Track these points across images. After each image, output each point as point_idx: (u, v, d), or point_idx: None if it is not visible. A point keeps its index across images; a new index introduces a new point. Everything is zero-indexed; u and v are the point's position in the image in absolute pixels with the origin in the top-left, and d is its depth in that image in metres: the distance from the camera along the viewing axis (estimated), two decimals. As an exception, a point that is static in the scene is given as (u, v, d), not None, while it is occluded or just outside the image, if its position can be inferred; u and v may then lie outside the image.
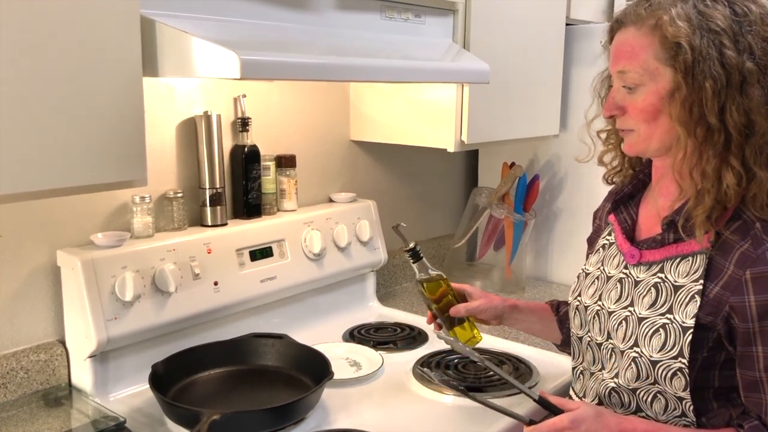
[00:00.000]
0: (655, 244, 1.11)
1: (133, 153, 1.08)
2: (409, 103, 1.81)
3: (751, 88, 0.97)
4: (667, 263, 1.08)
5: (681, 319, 1.04)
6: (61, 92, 0.99)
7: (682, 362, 1.03)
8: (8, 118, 0.95)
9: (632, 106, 1.05)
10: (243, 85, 1.62)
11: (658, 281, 1.09)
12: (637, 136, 1.07)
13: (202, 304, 1.46)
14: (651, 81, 1.02)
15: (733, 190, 0.99)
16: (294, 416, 1.25)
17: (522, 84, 1.85)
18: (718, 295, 1.02)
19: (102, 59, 1.03)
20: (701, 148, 1.01)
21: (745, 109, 0.98)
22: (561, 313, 1.39)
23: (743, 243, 1.01)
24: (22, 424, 1.23)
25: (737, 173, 0.99)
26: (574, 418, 1.02)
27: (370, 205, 1.87)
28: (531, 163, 2.18)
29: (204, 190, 1.55)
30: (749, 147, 0.99)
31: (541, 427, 1.04)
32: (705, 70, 0.97)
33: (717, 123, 0.98)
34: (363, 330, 1.72)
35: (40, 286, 1.35)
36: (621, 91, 1.07)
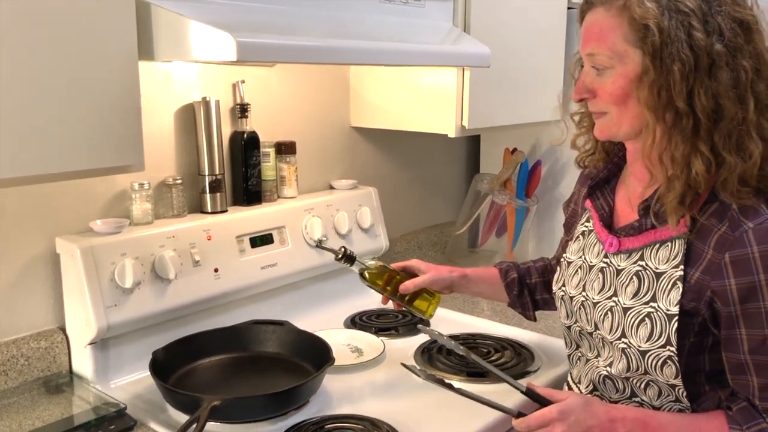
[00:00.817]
0: (633, 231, 1.09)
1: (129, 137, 1.07)
2: (409, 89, 1.80)
3: (720, 72, 0.95)
4: (647, 250, 1.07)
5: (665, 307, 1.03)
6: (56, 76, 0.98)
7: (670, 350, 1.02)
8: (3, 102, 0.94)
9: (602, 89, 1.04)
10: (242, 71, 1.61)
11: (639, 269, 1.07)
12: (609, 120, 1.05)
13: (202, 291, 1.45)
14: (620, 63, 1.00)
15: (702, 176, 0.98)
16: (295, 402, 1.25)
17: (523, 68, 1.83)
18: (699, 280, 1.01)
19: (97, 42, 1.02)
20: (670, 133, 0.99)
21: (714, 93, 0.96)
22: (508, 280, 1.42)
23: (720, 226, 0.99)
24: (24, 411, 1.22)
25: (706, 159, 0.97)
26: (563, 409, 1.01)
27: (371, 191, 1.86)
28: (533, 148, 2.17)
29: (203, 176, 1.54)
30: (718, 132, 0.97)
31: (530, 419, 1.03)
32: (673, 52, 0.95)
33: (685, 107, 0.96)
34: (364, 317, 1.72)
35: (39, 273, 1.34)
36: (590, 73, 1.05)
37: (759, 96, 0.98)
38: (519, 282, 1.42)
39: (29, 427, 1.18)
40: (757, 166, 0.98)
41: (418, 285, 1.35)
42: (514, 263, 1.46)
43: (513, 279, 1.42)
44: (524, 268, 1.45)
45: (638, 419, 1.03)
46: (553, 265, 1.44)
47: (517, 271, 1.43)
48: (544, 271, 1.44)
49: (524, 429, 1.04)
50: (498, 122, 1.81)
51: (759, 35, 0.99)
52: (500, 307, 1.84)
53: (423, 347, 1.54)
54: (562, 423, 1.00)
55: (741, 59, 0.97)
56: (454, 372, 1.41)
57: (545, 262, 1.46)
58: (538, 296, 1.43)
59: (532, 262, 1.47)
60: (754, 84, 0.98)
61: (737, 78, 0.96)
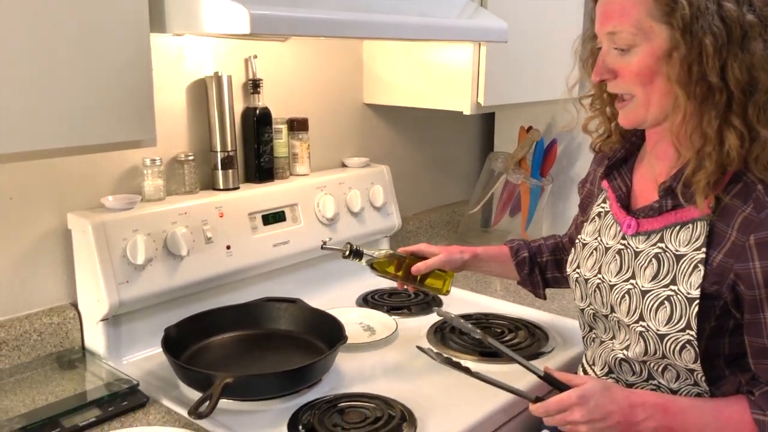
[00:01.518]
0: (653, 213, 1.06)
1: (141, 112, 1.05)
2: (423, 65, 1.77)
3: (753, 43, 0.92)
4: (667, 232, 1.04)
5: (686, 290, 1.00)
6: (68, 49, 0.97)
7: (690, 334, 1.00)
8: (16, 76, 0.93)
9: (625, 69, 1.00)
10: (254, 46, 1.58)
11: (658, 251, 1.04)
12: (635, 105, 1.01)
13: (214, 268, 1.44)
14: (645, 41, 0.96)
15: (735, 151, 0.95)
16: (308, 380, 1.24)
17: (540, 44, 1.80)
18: (722, 263, 0.98)
19: (109, 14, 1.00)
20: (701, 109, 0.96)
21: (748, 65, 0.92)
22: (519, 258, 1.41)
23: (745, 207, 0.97)
24: (37, 386, 1.22)
25: (740, 134, 0.94)
26: (582, 393, 1.00)
27: (383, 169, 1.84)
28: (548, 127, 2.14)
29: (215, 153, 1.52)
30: (752, 105, 0.94)
31: (548, 404, 1.01)
32: (704, 25, 0.91)
33: (718, 82, 0.93)
34: (376, 295, 1.70)
35: (51, 249, 1.34)
36: (612, 53, 1.01)
37: None
38: (530, 261, 1.41)
39: (42, 402, 1.18)
40: None
41: (430, 266, 1.34)
42: (524, 241, 1.45)
43: (524, 258, 1.41)
44: (535, 246, 1.43)
45: (659, 404, 1.01)
46: (565, 243, 1.42)
47: (527, 250, 1.42)
48: (555, 249, 1.43)
49: (542, 413, 1.02)
50: (513, 99, 1.78)
51: None
52: (513, 287, 1.82)
53: (436, 327, 1.53)
54: (581, 408, 0.99)
55: None
56: (467, 352, 1.40)
57: (556, 240, 1.44)
58: (549, 274, 1.42)
59: (543, 240, 1.45)
60: None
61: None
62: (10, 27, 0.91)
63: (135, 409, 1.18)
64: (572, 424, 1.00)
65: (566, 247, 1.42)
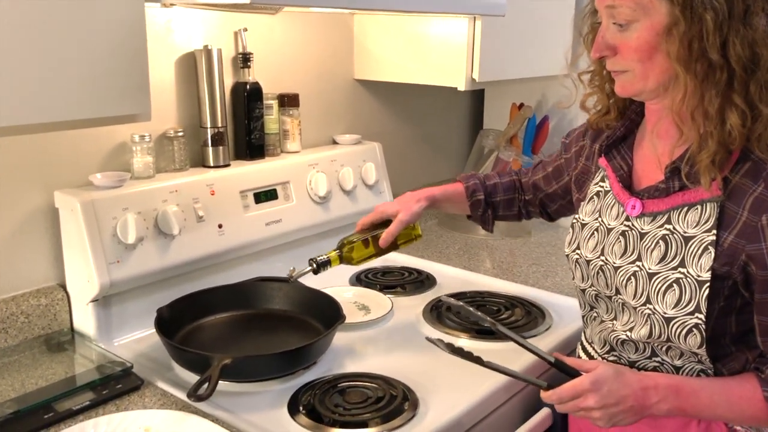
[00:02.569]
0: (659, 193, 1.04)
1: (136, 85, 1.01)
2: (416, 40, 1.73)
3: (756, 18, 0.90)
4: (674, 213, 1.02)
5: (696, 273, 0.99)
6: (61, 19, 0.92)
7: (698, 317, 0.99)
8: (7, 48, 0.88)
9: (625, 45, 0.97)
10: (244, 19, 1.54)
11: (666, 233, 1.03)
12: (632, 76, 0.99)
13: (206, 247, 1.41)
14: (645, 16, 0.94)
15: (737, 130, 0.93)
16: (306, 360, 1.22)
17: (534, 19, 1.78)
18: (733, 244, 0.97)
19: (100, -19, 0.95)
20: (702, 87, 0.93)
21: (749, 41, 0.90)
22: (474, 199, 1.40)
23: (756, 187, 0.95)
24: (25, 370, 1.19)
25: (741, 112, 0.92)
26: (595, 379, 0.98)
27: (375, 147, 1.81)
28: (539, 104, 2.12)
29: (205, 129, 1.48)
30: (754, 83, 0.92)
31: (562, 391, 1.00)
32: (705, 1, 0.89)
33: (719, 59, 0.91)
34: (370, 274, 1.69)
35: (37, 228, 1.29)
36: (611, 28, 0.98)
37: None
38: (485, 202, 1.41)
39: (32, 386, 1.14)
40: None
41: (394, 234, 1.32)
42: (479, 180, 1.43)
43: (479, 200, 1.41)
44: (491, 185, 1.43)
45: (671, 386, 1.00)
46: (525, 183, 1.42)
47: (483, 191, 1.41)
48: (509, 188, 1.43)
49: (556, 401, 1.01)
50: (508, 75, 1.76)
51: None
52: (506, 265, 1.81)
53: (431, 305, 1.51)
54: (595, 393, 0.97)
55: None
56: (463, 330, 1.39)
57: (512, 179, 1.44)
58: (500, 212, 1.44)
59: (498, 178, 1.44)
60: None
61: None
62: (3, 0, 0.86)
63: (130, 392, 1.14)
64: (586, 410, 0.99)
65: (523, 188, 1.43)
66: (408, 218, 1.32)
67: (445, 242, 1.98)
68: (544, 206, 1.42)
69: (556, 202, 1.39)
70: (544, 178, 1.38)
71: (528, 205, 1.44)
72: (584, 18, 1.10)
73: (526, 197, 1.43)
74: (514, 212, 1.44)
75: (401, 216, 1.32)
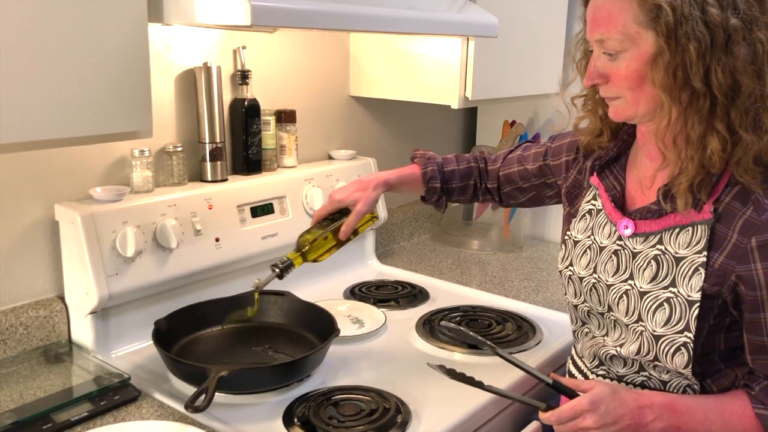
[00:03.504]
0: (651, 215, 1.07)
1: (138, 102, 1.03)
2: (410, 58, 1.77)
3: (737, 47, 0.93)
4: (666, 234, 1.05)
5: (686, 293, 1.01)
6: (65, 37, 0.95)
7: (687, 336, 1.01)
8: (13, 65, 0.91)
9: (615, 74, 1.00)
10: (242, 36, 1.57)
11: (657, 253, 1.05)
12: (624, 102, 1.02)
13: (203, 261, 1.43)
14: (633, 46, 0.97)
15: (717, 155, 0.96)
16: (301, 373, 1.24)
17: (526, 39, 1.81)
18: (723, 265, 1.00)
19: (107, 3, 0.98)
20: (686, 113, 0.96)
21: (731, 69, 0.93)
22: (430, 186, 1.38)
23: (745, 210, 0.98)
24: (24, 381, 1.20)
25: (722, 138, 0.95)
26: (593, 399, 1.00)
27: (370, 162, 1.84)
28: (530, 121, 2.16)
29: (204, 144, 1.51)
30: (735, 109, 0.94)
31: (560, 412, 1.02)
32: (688, 31, 0.92)
33: (702, 87, 0.94)
34: (364, 288, 1.71)
35: (37, 240, 1.31)
36: (602, 58, 1.01)
37: None
38: (440, 189, 1.40)
39: (31, 397, 1.16)
40: None
41: (353, 225, 1.29)
42: (437, 165, 1.40)
43: (435, 187, 1.39)
44: (448, 172, 1.40)
45: (666, 404, 1.03)
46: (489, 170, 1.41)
47: (440, 177, 1.39)
48: (466, 176, 1.41)
49: (555, 422, 1.03)
50: (500, 94, 1.80)
51: None
52: (498, 280, 1.84)
53: (424, 319, 1.54)
54: (593, 413, 0.99)
55: (757, 31, 0.94)
56: (455, 344, 1.41)
57: (470, 166, 1.42)
58: (454, 197, 1.43)
59: (456, 164, 1.42)
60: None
61: (754, 52, 0.94)
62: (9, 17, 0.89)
63: (127, 403, 1.16)
64: (584, 430, 1.01)
65: (489, 175, 1.42)
66: (366, 209, 1.29)
67: (437, 256, 2.01)
68: (503, 197, 1.43)
69: (523, 196, 1.40)
70: (520, 172, 1.37)
71: (487, 192, 1.43)
72: (576, 45, 1.13)
73: (488, 185, 1.42)
74: (468, 197, 1.44)
75: (359, 207, 1.28)
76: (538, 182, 1.36)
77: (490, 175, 1.43)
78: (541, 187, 1.36)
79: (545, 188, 1.36)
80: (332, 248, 1.31)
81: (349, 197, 1.30)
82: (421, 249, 2.07)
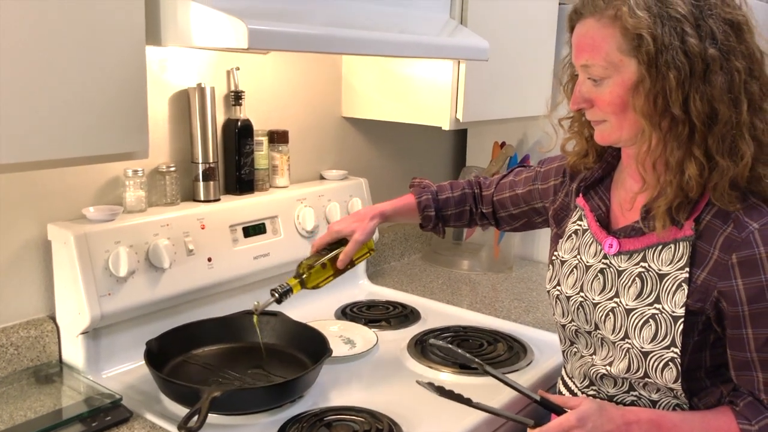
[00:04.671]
0: (635, 233, 1.09)
1: (134, 123, 1.04)
2: (402, 80, 1.79)
3: (714, 76, 0.96)
4: (649, 251, 1.07)
5: (670, 309, 1.04)
6: (63, 59, 0.96)
7: (674, 351, 1.03)
8: (11, 85, 0.91)
9: (599, 99, 1.03)
10: (236, 58, 1.58)
11: (642, 270, 1.08)
12: (609, 126, 1.05)
13: (196, 281, 1.43)
14: (616, 73, 1.00)
15: (695, 180, 0.98)
16: (294, 393, 1.24)
17: (516, 62, 1.84)
18: (705, 281, 1.02)
19: (105, 26, 0.99)
20: (665, 139, 0.99)
21: (709, 97, 0.96)
22: (425, 214, 1.42)
23: (726, 227, 1.01)
24: (14, 401, 1.19)
25: (700, 164, 0.98)
26: (580, 416, 1.01)
27: (361, 182, 1.85)
28: (520, 143, 2.18)
29: (197, 164, 1.51)
30: (712, 136, 0.97)
31: (549, 428, 1.02)
32: (668, 60, 0.95)
33: (681, 114, 0.96)
34: (355, 308, 1.71)
35: (29, 260, 1.31)
36: (587, 83, 1.04)
37: (752, 96, 0.99)
38: (435, 216, 1.44)
39: (21, 418, 1.15)
40: (749, 167, 0.99)
41: (351, 254, 1.33)
42: (432, 193, 1.44)
43: (430, 216, 1.43)
44: (442, 200, 1.44)
45: (652, 420, 1.04)
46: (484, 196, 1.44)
47: (434, 206, 1.43)
48: (461, 201, 1.45)
49: None
50: (491, 116, 1.82)
51: (750, 34, 1.00)
52: (489, 300, 1.85)
53: (416, 339, 1.54)
54: (580, 429, 1.00)
55: (734, 61, 0.97)
56: (446, 365, 1.42)
57: (465, 192, 1.45)
58: (451, 223, 1.47)
59: (451, 191, 1.45)
60: (748, 84, 0.98)
61: (731, 80, 0.97)
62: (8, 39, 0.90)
63: (119, 424, 1.16)
64: None
65: (483, 201, 1.44)
66: (363, 238, 1.34)
67: (428, 276, 2.02)
68: (499, 221, 1.46)
69: (517, 222, 1.43)
70: (511, 198, 1.40)
71: (483, 217, 1.47)
72: (563, 68, 1.15)
73: (483, 210, 1.45)
74: (464, 222, 1.48)
75: (357, 236, 1.33)
76: (527, 208, 1.39)
77: (484, 201, 1.45)
78: (530, 214, 1.39)
79: (534, 214, 1.38)
80: (329, 277, 1.34)
81: (346, 228, 1.35)
82: (412, 269, 2.08)
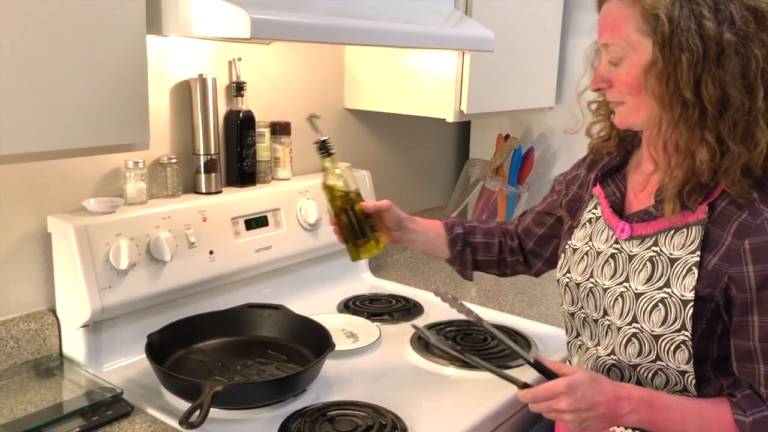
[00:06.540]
0: (647, 217, 1.09)
1: (136, 114, 1.03)
2: (406, 72, 1.77)
3: (728, 60, 0.95)
4: (661, 236, 1.07)
5: (680, 293, 1.03)
6: (63, 49, 0.94)
7: (685, 335, 1.03)
8: (11, 76, 0.90)
9: (617, 80, 1.04)
10: (238, 48, 1.56)
11: (653, 255, 1.07)
12: (626, 109, 1.05)
13: (197, 274, 1.42)
14: (633, 53, 1.00)
15: (706, 165, 0.98)
16: (297, 388, 1.23)
17: (520, 54, 1.82)
18: (716, 267, 1.01)
19: (105, 15, 0.97)
20: (677, 122, 0.99)
21: (720, 82, 0.96)
22: (453, 234, 1.40)
23: (741, 213, 1.00)
24: (14, 395, 1.18)
25: (711, 148, 0.98)
26: (570, 383, 1.01)
27: (364, 175, 1.84)
28: (524, 135, 2.17)
29: (198, 156, 1.50)
30: (723, 121, 0.97)
31: (537, 391, 1.03)
32: (682, 42, 0.95)
33: (692, 97, 0.96)
34: (357, 301, 1.70)
35: (29, 252, 1.30)
36: (606, 63, 1.05)
37: None
38: (463, 238, 1.40)
39: (21, 412, 1.14)
40: (764, 155, 0.98)
41: (378, 206, 1.31)
42: (460, 220, 1.44)
43: (458, 234, 1.40)
44: (469, 226, 1.43)
45: (644, 398, 1.04)
46: (509, 230, 1.42)
47: (462, 228, 1.41)
48: (488, 233, 1.43)
49: (530, 400, 1.04)
50: (495, 108, 1.80)
51: None
52: (492, 294, 1.84)
53: (419, 333, 1.52)
54: (568, 396, 1.00)
55: (753, 48, 0.96)
56: (450, 359, 1.40)
57: (491, 227, 1.44)
58: (479, 256, 1.42)
59: (478, 223, 1.45)
60: (765, 72, 0.97)
61: (747, 67, 0.96)
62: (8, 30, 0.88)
63: (120, 418, 1.15)
64: (558, 412, 1.02)
65: (510, 234, 1.42)
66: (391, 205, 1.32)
67: (431, 270, 2.01)
68: (528, 255, 1.42)
69: (545, 250, 1.39)
70: (534, 218, 1.38)
71: (513, 253, 1.42)
72: (595, 52, 1.15)
73: (512, 243, 1.42)
74: (494, 255, 1.41)
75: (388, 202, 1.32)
76: (551, 221, 1.36)
77: (510, 234, 1.42)
78: (556, 228, 1.35)
79: (559, 226, 1.34)
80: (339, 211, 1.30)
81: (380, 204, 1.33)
82: (415, 262, 2.07)
